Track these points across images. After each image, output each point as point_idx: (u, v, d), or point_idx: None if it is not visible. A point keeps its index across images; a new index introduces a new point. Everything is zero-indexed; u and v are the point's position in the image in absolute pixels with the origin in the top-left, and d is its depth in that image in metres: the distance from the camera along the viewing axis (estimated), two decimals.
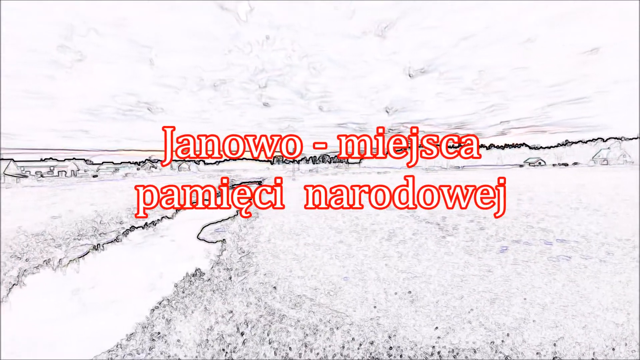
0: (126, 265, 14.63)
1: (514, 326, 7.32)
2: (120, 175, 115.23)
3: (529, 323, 7.45)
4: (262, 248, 14.50)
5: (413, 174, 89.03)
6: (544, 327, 7.27)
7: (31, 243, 16.38)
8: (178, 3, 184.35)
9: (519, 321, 7.53)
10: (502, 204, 24.71)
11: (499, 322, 7.52)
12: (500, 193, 32.81)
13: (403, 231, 16.90)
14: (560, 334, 6.99)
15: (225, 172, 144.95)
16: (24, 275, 13.06)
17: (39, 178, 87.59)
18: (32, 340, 8.27)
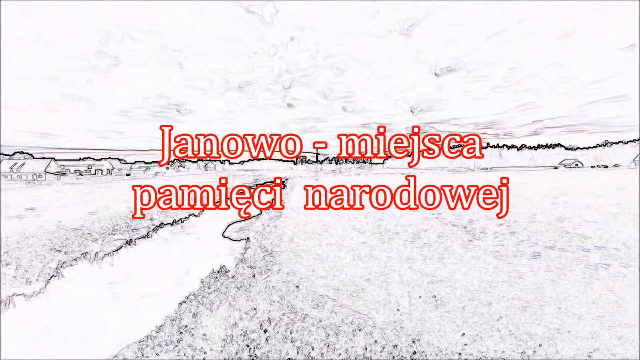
0: (155, 260, 15.26)
1: (546, 336, 6.96)
2: (151, 174, 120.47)
3: (563, 333, 7.06)
4: (285, 247, 14.65)
5: (438, 175, 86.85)
6: (578, 337, 6.87)
7: (70, 237, 17.44)
8: (207, 8, 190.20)
9: (552, 331, 7.15)
10: (504, 205, 24.26)
11: (531, 331, 7.18)
12: (503, 193, 32.95)
13: (428, 234, 16.52)
14: (595, 345, 6.57)
15: (249, 172, 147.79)
16: (62, 267, 13.92)
17: (77, 176, 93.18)
18: (68, 330, 8.79)
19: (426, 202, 28.19)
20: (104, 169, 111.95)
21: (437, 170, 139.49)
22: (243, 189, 44.41)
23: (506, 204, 25.69)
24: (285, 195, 40.76)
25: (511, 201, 27.23)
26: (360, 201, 29.77)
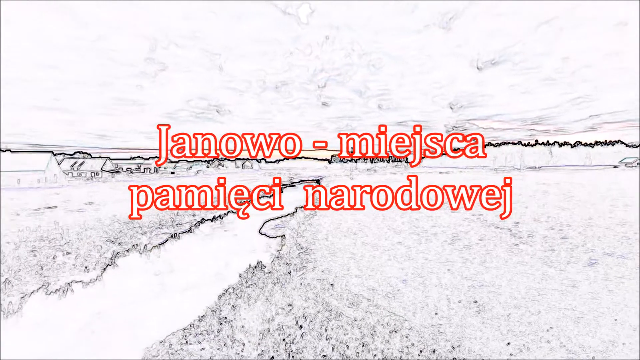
0: (197, 254, 16.07)
1: (600, 349, 6.37)
2: (193, 172, 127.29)
3: (618, 346, 6.41)
4: (320, 245, 14.75)
5: (479, 174, 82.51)
6: (634, 350, 6.20)
7: (123, 230, 18.90)
8: (245, 12, 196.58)
9: (606, 344, 6.52)
10: (507, 205, 24.06)
11: (584, 343, 6.60)
12: (507, 194, 32.13)
13: (468, 235, 15.78)
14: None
15: (284, 171, 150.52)
16: (116, 257, 15.12)
17: (129, 174, 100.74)
18: (119, 317, 9.53)
19: (428, 202, 27.13)
20: (151, 167, 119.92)
21: (478, 169, 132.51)
22: (242, 189, 43.07)
23: (509, 204, 25.33)
24: (320, 193, 41.01)
25: (564, 203, 25.21)
26: (361, 201, 29.16)
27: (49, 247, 14.77)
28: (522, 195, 31.33)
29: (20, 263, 12.75)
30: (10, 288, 10.95)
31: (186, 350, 6.95)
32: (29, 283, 11.49)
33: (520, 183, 47.85)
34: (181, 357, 6.74)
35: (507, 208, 23.17)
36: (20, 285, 11.26)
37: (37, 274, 12.18)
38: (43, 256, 13.65)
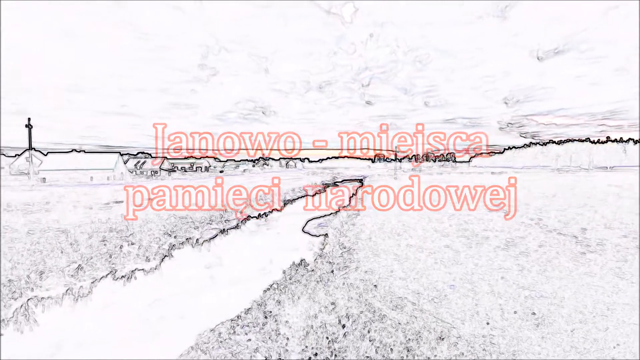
0: (243, 249, 16.79)
1: None
2: (240, 170, 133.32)
3: None
4: (362, 245, 14.60)
5: (537, 175, 75.72)
6: None
7: (178, 224, 20.35)
8: (290, 14, 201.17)
9: None
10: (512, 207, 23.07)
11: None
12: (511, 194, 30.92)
13: (525, 241, 14.58)
14: None
15: (327, 170, 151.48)
16: (172, 249, 16.33)
17: (183, 172, 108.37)
18: (173, 305, 10.26)
19: (431, 203, 25.54)
20: (203, 166, 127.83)
21: (537, 169, 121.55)
22: (240, 190, 42.40)
23: (514, 205, 24.52)
24: (363, 193, 40.62)
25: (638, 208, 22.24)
26: (362, 203, 27.90)
27: (117, 237, 16.38)
28: (590, 198, 28.20)
29: (92, 251, 14.30)
30: (82, 274, 12.33)
31: (234, 340, 7.29)
32: (99, 269, 12.85)
33: (589, 185, 43.10)
34: (229, 346, 7.08)
35: (511, 209, 22.89)
36: (92, 271, 12.63)
37: (106, 261, 13.58)
38: (112, 245, 15.18)
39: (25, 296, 10.35)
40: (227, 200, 30.52)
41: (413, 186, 46.27)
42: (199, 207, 26.50)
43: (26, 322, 8.99)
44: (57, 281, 11.55)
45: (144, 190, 40.71)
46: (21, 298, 10.22)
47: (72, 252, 13.95)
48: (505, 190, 37.22)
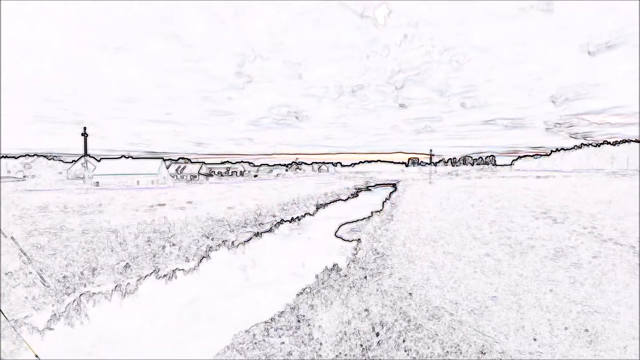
0: (277, 252, 17.06)
1: None
2: (273, 175, 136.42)
3: None
4: (396, 251, 14.25)
5: (590, 179, 69.59)
6: None
7: (215, 227, 21.15)
8: (323, 20, 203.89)
9: None
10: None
11: None
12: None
13: (577, 251, 13.44)
14: None
15: (360, 174, 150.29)
16: (210, 250, 16.98)
17: (219, 177, 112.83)
18: (209, 305, 10.62)
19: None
20: (238, 171, 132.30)
21: (590, 173, 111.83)
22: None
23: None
24: (396, 197, 39.79)
25: None
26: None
27: (160, 238, 17.35)
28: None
29: (139, 250, 15.25)
30: (129, 272, 13.16)
31: (268, 342, 7.39)
32: (144, 268, 13.66)
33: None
34: (263, 348, 7.19)
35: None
36: (137, 270, 13.46)
37: (150, 260, 14.41)
38: (156, 246, 16.10)
39: (78, 292, 11.26)
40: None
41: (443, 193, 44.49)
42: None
43: (77, 316, 9.75)
44: (107, 278, 12.45)
45: (183, 193, 42.92)
46: (74, 293, 11.13)
47: (121, 251, 14.97)
48: (552, 195, 34.66)
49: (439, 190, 47.81)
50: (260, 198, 37.68)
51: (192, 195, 41.83)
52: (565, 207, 25.85)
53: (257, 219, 25.02)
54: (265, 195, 41.06)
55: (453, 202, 31.13)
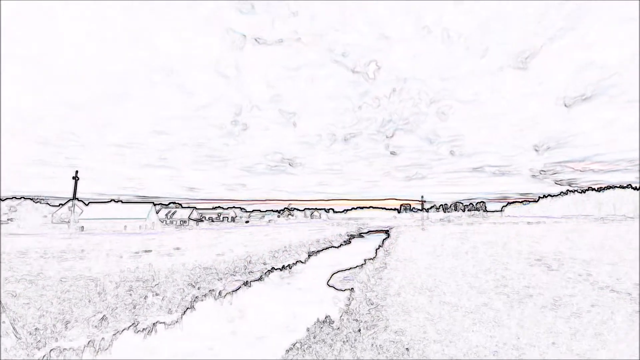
0: (266, 302, 16.19)
1: None
2: (265, 221, 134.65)
3: None
4: (391, 301, 13.67)
5: (580, 225, 70.20)
6: None
7: (202, 275, 20.24)
8: (318, 75, 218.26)
9: None
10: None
11: None
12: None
13: (575, 300, 13.08)
14: None
15: (352, 221, 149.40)
16: (195, 301, 16.05)
17: (210, 222, 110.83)
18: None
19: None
20: (229, 216, 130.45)
21: (579, 219, 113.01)
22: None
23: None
24: (390, 244, 39.21)
25: None
26: None
27: (143, 287, 16.43)
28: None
29: (118, 301, 14.33)
30: (106, 325, 12.23)
31: None
32: (122, 321, 12.73)
33: (637, 235, 39.22)
34: None
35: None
36: (115, 323, 12.52)
37: (130, 312, 13.48)
38: (137, 295, 15.18)
39: (49, 346, 10.30)
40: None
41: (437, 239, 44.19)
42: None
43: None
44: (81, 331, 11.50)
45: (171, 239, 41.67)
46: (45, 348, 10.18)
47: (100, 301, 14.04)
48: (545, 241, 34.61)
49: (432, 236, 47.45)
50: (251, 244, 36.72)
51: (181, 241, 40.64)
52: (559, 253, 25.69)
53: (247, 267, 24.13)
54: (256, 242, 40.09)
55: (447, 249, 30.75)
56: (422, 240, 41.76)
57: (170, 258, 25.53)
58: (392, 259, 25.90)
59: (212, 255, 27.55)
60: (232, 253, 28.96)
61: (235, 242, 39.82)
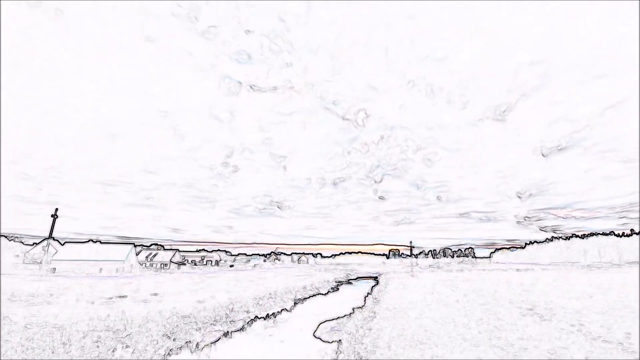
0: (248, 355, 14.99)
1: None
2: (250, 265, 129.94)
3: None
4: (381, 354, 12.87)
5: (569, 272, 70.05)
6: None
7: (180, 324, 18.88)
8: (309, 122, 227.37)
9: None
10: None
11: None
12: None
13: (570, 352, 12.59)
14: None
15: (341, 266, 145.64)
16: (169, 354, 14.75)
17: (193, 266, 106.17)
18: None
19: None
20: (213, 260, 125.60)
21: (567, 266, 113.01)
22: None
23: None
24: (379, 292, 37.96)
25: None
26: None
27: (112, 338, 15.11)
28: (628, 297, 25.27)
29: (83, 353, 13.05)
30: None
31: None
32: None
33: (623, 282, 39.19)
34: None
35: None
36: None
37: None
38: (105, 348, 13.90)
39: None
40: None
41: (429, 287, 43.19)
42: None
43: None
44: None
45: (149, 284, 39.36)
46: None
47: (63, 352, 12.75)
48: (536, 289, 34.14)
49: (422, 284, 46.32)
50: (235, 290, 34.95)
51: (159, 285, 38.41)
52: (550, 302, 25.24)
53: (229, 315, 22.71)
54: (239, 288, 38.24)
55: (437, 297, 29.90)
56: (412, 287, 40.65)
57: (146, 305, 23.91)
58: (381, 307, 24.89)
59: (192, 301, 25.98)
60: (213, 300, 27.39)
61: (217, 287, 37.88)
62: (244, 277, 58.58)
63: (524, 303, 25.30)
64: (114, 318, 18.74)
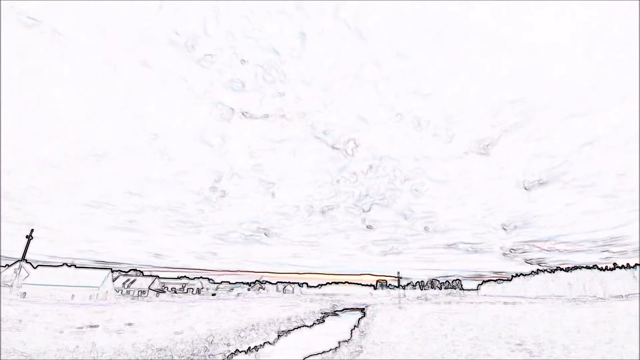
0: None
1: None
2: (234, 294, 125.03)
3: None
4: None
5: (555, 306, 69.78)
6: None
7: (154, 358, 17.69)
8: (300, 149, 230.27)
9: None
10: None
11: None
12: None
13: None
14: None
15: (327, 297, 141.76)
16: None
17: (173, 294, 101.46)
18: None
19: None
20: (195, 288, 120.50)
21: (552, 299, 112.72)
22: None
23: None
24: (366, 324, 36.80)
25: None
26: None
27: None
28: (614, 332, 25.13)
29: None
30: None
31: None
32: None
33: (609, 316, 39.13)
34: None
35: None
36: None
37: None
38: None
39: None
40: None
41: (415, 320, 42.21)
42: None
43: None
44: None
45: (123, 314, 37.16)
46: None
47: None
48: (525, 324, 33.71)
49: (410, 316, 45.22)
50: (215, 321, 33.32)
51: (135, 315, 36.33)
52: (538, 337, 24.88)
53: (208, 349, 21.47)
54: (221, 318, 36.50)
55: (426, 331, 29.14)
56: (400, 320, 39.61)
57: (120, 336, 22.46)
58: (368, 341, 24.03)
59: (169, 333, 24.55)
60: (192, 331, 25.97)
61: (198, 317, 36.06)
62: (226, 306, 56.14)
63: (513, 338, 24.86)
64: (83, 350, 17.47)
